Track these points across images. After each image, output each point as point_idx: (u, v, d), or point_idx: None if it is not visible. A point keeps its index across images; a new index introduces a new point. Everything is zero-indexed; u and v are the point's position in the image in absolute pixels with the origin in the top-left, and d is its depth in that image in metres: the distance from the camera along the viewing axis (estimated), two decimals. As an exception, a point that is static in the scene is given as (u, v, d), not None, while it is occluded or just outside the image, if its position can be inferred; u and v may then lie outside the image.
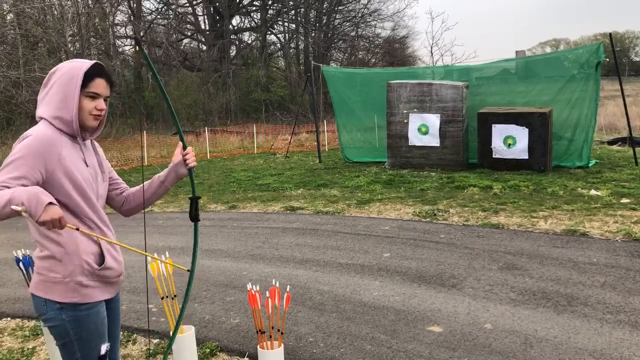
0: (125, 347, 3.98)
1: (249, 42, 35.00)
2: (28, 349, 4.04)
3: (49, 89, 2.12)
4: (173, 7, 32.00)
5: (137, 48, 2.23)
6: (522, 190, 8.56)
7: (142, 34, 29.81)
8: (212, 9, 32.99)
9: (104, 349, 2.20)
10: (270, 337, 3.10)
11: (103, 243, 2.17)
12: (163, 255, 3.49)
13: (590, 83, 10.26)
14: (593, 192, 8.10)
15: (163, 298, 3.36)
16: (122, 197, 2.40)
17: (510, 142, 10.20)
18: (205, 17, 33.65)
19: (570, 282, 4.67)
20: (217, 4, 32.70)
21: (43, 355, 3.92)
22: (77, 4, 21.17)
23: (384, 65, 32.01)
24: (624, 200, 7.47)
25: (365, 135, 13.62)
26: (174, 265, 2.50)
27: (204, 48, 33.61)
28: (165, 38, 29.60)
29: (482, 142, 10.55)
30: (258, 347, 3.14)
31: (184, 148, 2.39)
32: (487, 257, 5.48)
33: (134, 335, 4.17)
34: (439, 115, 10.91)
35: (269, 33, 34.27)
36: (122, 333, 4.03)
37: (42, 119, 2.11)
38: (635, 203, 7.27)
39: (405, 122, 11.23)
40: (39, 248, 2.12)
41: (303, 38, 33.65)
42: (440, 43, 42.87)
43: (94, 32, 24.96)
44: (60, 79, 2.10)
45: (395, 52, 37.44)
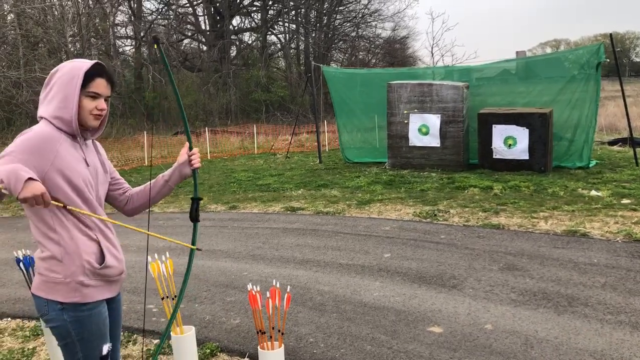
0: (126, 347, 3.98)
1: (250, 42, 35.05)
2: (28, 349, 4.04)
3: (50, 89, 2.12)
4: (173, 7, 32.03)
5: (155, 47, 2.25)
6: (522, 191, 8.56)
7: (142, 35, 29.84)
8: (212, 10, 33.02)
9: (106, 350, 2.20)
10: (271, 337, 3.10)
11: (102, 242, 2.17)
12: (163, 256, 3.49)
13: (591, 83, 10.26)
14: (594, 192, 8.10)
15: (163, 298, 3.36)
16: (125, 196, 2.41)
17: (511, 142, 10.20)
18: (206, 17, 33.70)
19: (571, 282, 4.67)
20: (217, 5, 32.73)
21: (43, 356, 3.92)
22: (77, 5, 21.18)
23: (385, 66, 32.02)
24: (625, 201, 7.47)
25: (366, 136, 13.61)
26: (183, 244, 2.44)
27: (205, 48, 33.64)
28: (166, 38, 29.59)
29: (482, 142, 10.55)
30: (258, 347, 3.14)
31: (190, 149, 2.39)
32: (487, 257, 5.48)
33: (135, 336, 4.17)
34: (440, 116, 10.91)
35: (270, 33, 34.31)
36: (122, 333, 4.03)
37: (42, 119, 2.11)
38: (636, 204, 7.26)
39: (406, 122, 11.23)
40: (40, 248, 2.12)
41: (303, 38, 33.67)
42: (441, 43, 42.94)
43: (95, 32, 24.98)
44: (61, 79, 2.10)
45: (396, 52, 37.47)
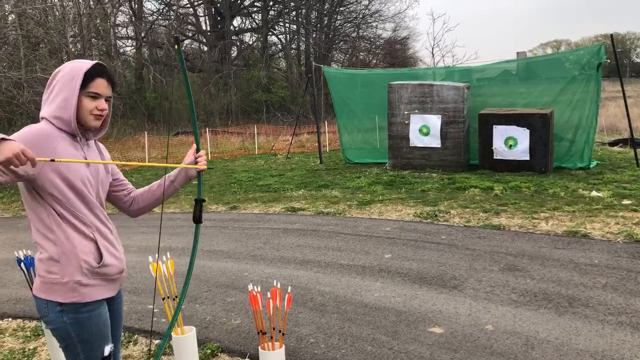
0: (127, 347, 3.99)
1: (250, 43, 35.06)
2: (29, 350, 4.05)
3: (52, 90, 2.13)
4: (174, 8, 32.04)
5: (176, 47, 2.26)
6: (523, 192, 8.56)
7: (143, 35, 29.86)
8: (213, 10, 33.05)
9: (108, 351, 2.19)
10: (272, 338, 3.10)
11: (99, 240, 2.15)
12: (165, 256, 3.49)
13: (592, 84, 10.26)
14: (594, 193, 8.09)
15: (164, 299, 3.36)
16: (130, 197, 2.41)
17: (512, 143, 10.20)
18: (207, 18, 33.74)
19: (572, 283, 4.67)
20: (218, 5, 32.75)
21: (44, 356, 3.92)
22: (78, 5, 21.20)
23: (385, 66, 32.04)
24: (626, 202, 7.46)
25: (366, 136, 13.61)
26: (193, 167, 2.35)
27: (205, 49, 33.66)
28: (167, 39, 29.62)
29: (483, 143, 10.54)
30: (259, 348, 3.14)
31: (197, 150, 2.40)
32: (488, 258, 5.48)
33: (135, 336, 4.17)
34: (440, 116, 10.91)
35: (270, 34, 34.33)
36: (123, 334, 4.03)
37: (43, 119, 2.12)
38: (637, 204, 7.26)
39: (407, 123, 11.23)
40: (39, 250, 2.12)
41: (304, 39, 33.69)
42: (442, 44, 42.90)
43: (96, 33, 25.00)
44: (62, 79, 2.11)
45: (397, 53, 37.49)
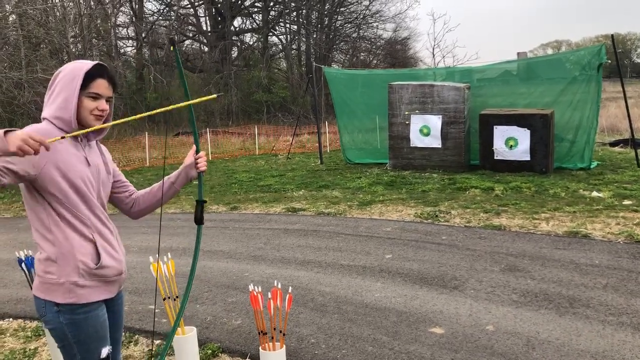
0: (127, 348, 3.99)
1: (251, 43, 35.06)
2: (30, 350, 4.05)
3: (53, 91, 2.14)
4: (175, 8, 32.06)
5: (172, 48, 2.23)
6: (523, 192, 8.55)
7: (143, 36, 29.87)
8: (213, 11, 33.05)
9: (105, 352, 2.17)
10: (272, 338, 3.10)
11: (99, 241, 2.15)
12: (165, 257, 3.49)
13: (592, 85, 10.26)
14: (595, 193, 8.09)
15: (165, 299, 3.37)
16: (131, 199, 2.40)
17: (512, 143, 10.20)
18: (207, 18, 33.75)
19: (572, 284, 4.67)
20: (218, 6, 32.76)
21: (45, 356, 3.92)
22: (79, 5, 21.22)
23: (386, 67, 32.04)
24: (626, 202, 7.46)
25: (367, 137, 13.61)
26: (202, 99, 2.24)
27: (206, 49, 33.66)
28: (167, 39, 29.60)
29: (483, 143, 10.54)
30: (260, 348, 3.14)
31: (197, 151, 2.39)
32: (489, 258, 5.48)
33: (136, 336, 4.17)
34: (441, 117, 10.91)
35: (271, 34, 34.34)
36: (124, 334, 4.03)
37: (45, 120, 2.12)
38: (638, 205, 7.26)
39: (407, 123, 11.23)
40: (39, 250, 2.12)
41: (305, 39, 33.70)
42: (442, 44, 42.87)
43: (96, 33, 25.01)
44: (63, 80, 2.11)
45: (397, 53, 37.51)
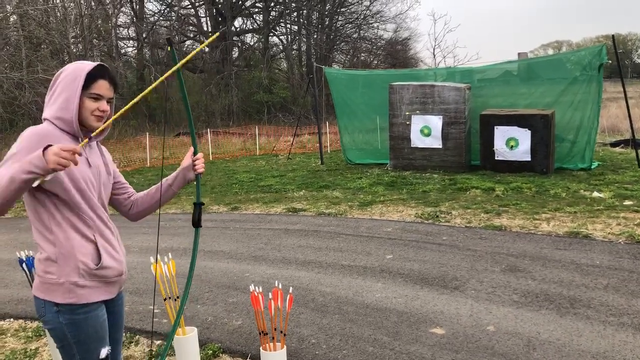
0: (128, 348, 3.99)
1: (252, 43, 35.07)
2: (31, 350, 4.05)
3: (54, 91, 2.14)
4: (175, 8, 32.07)
5: (169, 49, 2.22)
6: (524, 192, 8.55)
7: (144, 36, 29.88)
8: (214, 11, 33.06)
9: (104, 353, 2.17)
10: (273, 338, 3.10)
11: (100, 242, 2.15)
12: (166, 257, 3.50)
13: (593, 85, 10.25)
14: (596, 194, 8.09)
15: (166, 299, 3.37)
16: (129, 201, 2.40)
17: (513, 144, 10.20)
18: (208, 18, 33.74)
19: (573, 284, 4.66)
20: (219, 6, 32.76)
21: (46, 356, 3.92)
22: (80, 6, 21.23)
23: (386, 67, 32.04)
24: (627, 202, 7.45)
25: (367, 137, 13.61)
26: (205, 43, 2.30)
27: (207, 50, 33.65)
28: (165, 40, 29.60)
29: (484, 144, 10.54)
30: (260, 348, 3.14)
31: (195, 153, 2.37)
32: (489, 259, 5.48)
33: (137, 337, 4.17)
34: (442, 117, 10.91)
35: (271, 35, 34.34)
36: (124, 334, 4.03)
37: (45, 120, 2.12)
38: (638, 205, 7.25)
39: (408, 123, 11.23)
40: (39, 250, 2.12)
41: (305, 40, 33.69)
42: (443, 45, 42.89)
43: (97, 33, 25.03)
44: (64, 80, 2.12)
45: (398, 54, 37.48)
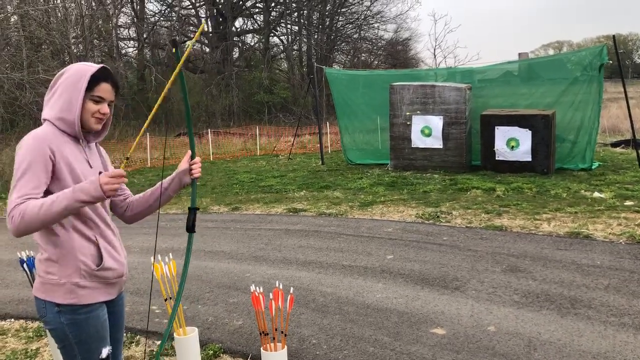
0: (129, 348, 3.99)
1: (252, 44, 35.07)
2: (32, 350, 4.05)
3: (55, 91, 2.13)
4: (176, 9, 32.08)
5: (174, 50, 2.21)
6: (525, 193, 8.55)
7: (145, 36, 29.88)
8: (215, 11, 33.05)
9: (105, 353, 2.17)
10: (274, 338, 3.10)
11: (101, 243, 2.15)
12: (167, 257, 3.50)
13: (594, 85, 10.24)
14: (596, 194, 8.08)
15: (166, 300, 3.37)
16: (125, 203, 2.38)
17: (513, 144, 10.19)
18: (208, 19, 33.73)
19: (574, 284, 4.66)
20: (220, 7, 32.77)
21: (47, 357, 3.92)
22: (80, 6, 21.25)
23: (387, 67, 32.03)
24: (628, 203, 7.45)
25: (368, 137, 13.60)
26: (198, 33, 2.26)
27: (207, 50, 33.66)
28: (168, 40, 29.63)
29: (485, 144, 10.54)
30: (261, 348, 3.14)
31: (192, 157, 2.35)
32: (490, 259, 5.47)
33: (137, 337, 4.18)
34: (442, 117, 10.91)
35: (272, 35, 34.33)
36: (125, 334, 4.03)
37: (45, 121, 2.12)
38: (639, 205, 7.25)
39: (408, 124, 11.23)
40: (40, 251, 2.12)
41: (306, 40, 33.69)
42: (443, 45, 42.84)
43: (98, 34, 25.04)
44: (67, 82, 2.11)
45: (398, 54, 37.48)
